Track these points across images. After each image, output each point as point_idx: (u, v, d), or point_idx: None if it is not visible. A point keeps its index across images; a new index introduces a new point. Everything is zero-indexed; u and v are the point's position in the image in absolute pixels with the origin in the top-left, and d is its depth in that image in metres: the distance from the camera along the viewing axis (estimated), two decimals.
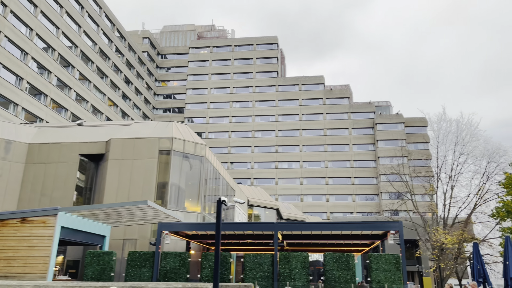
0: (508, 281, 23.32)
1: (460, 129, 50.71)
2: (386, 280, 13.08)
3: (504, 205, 30.68)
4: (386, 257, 13.33)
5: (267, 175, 67.80)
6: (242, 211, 33.25)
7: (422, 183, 49.94)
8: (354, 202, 65.17)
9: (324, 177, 66.83)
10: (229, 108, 72.15)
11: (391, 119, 68.04)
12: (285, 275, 13.66)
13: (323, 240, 19.39)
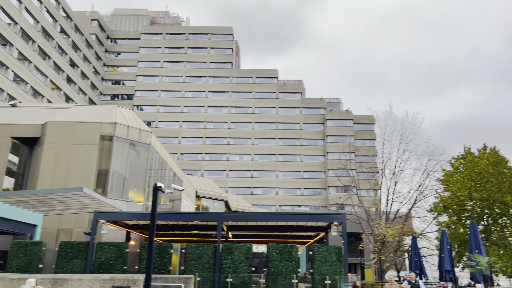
0: (443, 272, 24.48)
1: (404, 127, 52.70)
2: (328, 271, 13.07)
3: (441, 201, 32.26)
4: (328, 249, 13.33)
5: (218, 167, 67.17)
6: (189, 203, 32.51)
7: (368, 179, 51.65)
8: (302, 196, 66.21)
9: (275, 170, 67.29)
10: (180, 98, 70.52)
11: (340, 116, 69.69)
12: (228, 267, 13.28)
13: (269, 232, 19.23)
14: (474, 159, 31.20)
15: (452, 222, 31.44)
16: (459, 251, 30.61)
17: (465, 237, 29.16)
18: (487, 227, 30.57)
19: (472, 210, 30.54)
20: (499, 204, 29.24)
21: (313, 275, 13.19)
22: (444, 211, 32.17)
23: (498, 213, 29.91)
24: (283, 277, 13.09)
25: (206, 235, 20.03)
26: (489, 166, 29.90)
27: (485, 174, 29.81)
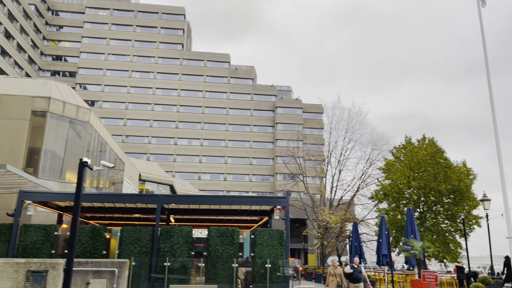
0: (380, 256, 25.43)
1: (351, 117, 54.14)
2: (269, 255, 12.90)
3: (382, 189, 33.44)
4: (270, 233, 13.15)
5: (165, 151, 65.47)
6: (132, 186, 31.27)
7: (314, 166, 52.74)
8: (250, 182, 66.40)
9: (224, 156, 66.79)
10: (127, 78, 67.60)
11: (290, 104, 70.30)
12: (166, 251, 12.72)
13: (212, 216, 18.79)
14: (413, 149, 32.55)
15: (391, 209, 32.72)
16: (396, 237, 31.99)
17: (402, 224, 30.46)
18: (422, 214, 32.14)
19: (410, 197, 31.94)
20: (434, 193, 30.76)
21: (254, 259, 12.97)
22: (384, 199, 33.41)
23: (433, 201, 31.48)
24: (223, 261, 12.75)
25: (147, 218, 19.24)
26: (427, 156, 31.29)
27: (423, 164, 31.18)
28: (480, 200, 18.93)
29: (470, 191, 31.04)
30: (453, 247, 30.70)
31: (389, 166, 33.95)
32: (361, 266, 14.38)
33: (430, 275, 17.18)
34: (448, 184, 30.03)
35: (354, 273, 14.05)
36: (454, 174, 30.60)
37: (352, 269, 14.07)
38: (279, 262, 12.95)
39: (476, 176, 31.33)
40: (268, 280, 12.69)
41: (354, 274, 14.00)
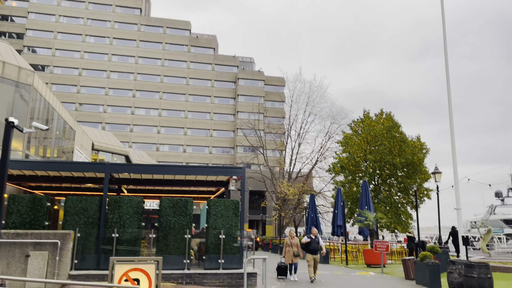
0: (335, 227, 25.95)
1: (312, 90, 54.23)
2: (224, 226, 12.56)
3: (339, 161, 33.96)
4: (225, 203, 12.77)
5: (121, 121, 63.14)
6: (84, 155, 29.83)
7: (274, 139, 52.86)
8: (210, 154, 65.74)
9: (183, 127, 65.42)
10: (81, 42, 63.79)
11: (252, 76, 69.38)
12: (114, 221, 12.06)
13: (167, 187, 18.15)
14: (371, 123, 33.04)
15: (347, 181, 33.37)
16: (351, 208, 32.80)
17: (358, 196, 31.20)
18: (377, 187, 33.02)
19: (366, 170, 32.63)
20: (389, 166, 31.56)
21: (208, 230, 12.59)
22: (341, 171, 33.98)
23: (387, 174, 32.35)
24: (175, 232, 12.28)
25: (98, 189, 18.31)
26: (384, 130, 31.89)
27: (379, 138, 31.77)
28: (431, 173, 19.47)
29: (422, 165, 32.13)
30: (404, 218, 31.94)
31: (347, 139, 34.40)
32: (319, 237, 14.29)
33: (381, 245, 17.59)
34: (402, 157, 30.86)
35: (311, 243, 13.88)
36: (408, 148, 31.45)
37: (309, 239, 14.02)
38: (233, 232, 12.65)
39: (428, 150, 32.39)
40: (221, 251, 12.39)
41: (312, 245, 13.86)
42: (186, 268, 12.15)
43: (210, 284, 12.09)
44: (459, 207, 18.34)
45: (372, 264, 19.87)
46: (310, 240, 13.95)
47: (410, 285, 13.65)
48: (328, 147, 47.82)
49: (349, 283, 13.89)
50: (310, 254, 13.81)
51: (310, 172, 49.30)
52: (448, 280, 11.25)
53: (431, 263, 12.93)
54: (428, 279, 12.91)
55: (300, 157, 50.94)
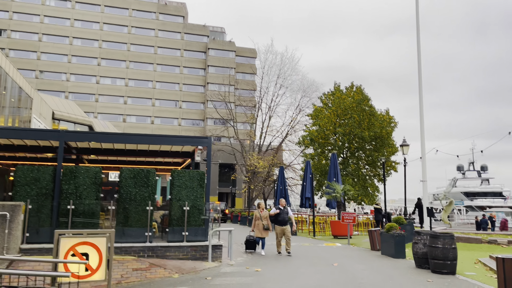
0: (303, 199, 26.01)
1: (283, 62, 53.60)
2: (188, 197, 12.03)
3: (309, 134, 33.85)
4: (190, 174, 12.20)
5: (85, 90, 60.57)
6: (43, 125, 28.29)
7: (245, 112, 52.23)
8: (179, 126, 64.48)
9: (151, 98, 63.56)
10: (40, 5, 59.91)
11: (223, 46, 67.71)
12: (70, 193, 11.29)
13: (131, 157, 17.36)
14: (341, 96, 32.90)
15: (316, 154, 33.40)
16: (320, 181, 32.98)
17: (326, 168, 31.31)
18: (346, 159, 33.25)
19: (335, 143, 32.69)
20: (358, 139, 31.72)
21: (172, 201, 12.04)
22: (311, 144, 33.93)
23: (356, 147, 32.55)
24: (136, 204, 11.67)
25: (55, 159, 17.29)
26: (354, 104, 31.84)
27: (349, 111, 31.74)
28: (399, 146, 19.55)
29: (390, 138, 32.47)
30: (371, 191, 32.45)
31: (317, 112, 34.23)
32: (288, 208, 13.83)
33: (348, 216, 17.62)
34: (371, 131, 31.03)
35: (280, 215, 13.49)
36: (377, 121, 31.62)
37: (278, 210, 13.59)
38: (198, 204, 12.16)
39: (397, 124, 32.71)
40: (185, 223, 11.91)
41: (281, 216, 13.47)
42: (148, 241, 11.63)
43: (173, 257, 11.65)
44: (425, 179, 18.55)
45: (339, 236, 20.03)
46: (279, 211, 13.53)
47: (375, 255, 13.72)
48: (299, 121, 47.82)
49: (316, 254, 13.81)
50: (278, 225, 13.39)
51: (280, 145, 49.27)
52: (413, 251, 11.27)
53: (397, 234, 12.97)
54: (393, 250, 12.97)
55: (270, 130, 50.73)
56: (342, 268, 11.06)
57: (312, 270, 10.71)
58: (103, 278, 6.22)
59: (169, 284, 9.43)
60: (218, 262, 11.87)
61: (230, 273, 10.38)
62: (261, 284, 9.01)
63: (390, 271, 10.66)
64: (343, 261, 12.33)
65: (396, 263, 11.88)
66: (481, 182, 71.49)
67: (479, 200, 65.88)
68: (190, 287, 9.00)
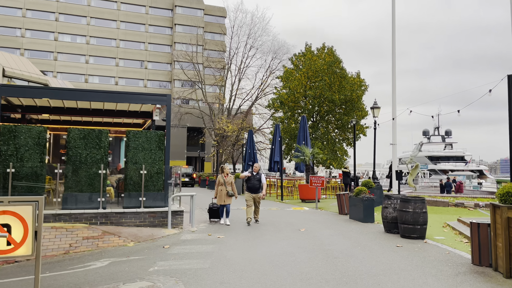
0: (272, 163, 25.46)
1: (254, 22, 51.68)
2: (145, 160, 11.05)
3: (279, 97, 32.98)
4: (147, 135, 11.15)
5: (43, 47, 56.70)
6: None
7: (214, 74, 50.53)
8: (145, 88, 62.02)
9: (115, 57, 60.39)
10: None
11: (191, 4, 64.50)
12: (9, 154, 10.07)
13: (87, 117, 16.02)
14: (312, 57, 31.94)
15: (286, 117, 32.73)
16: (289, 144, 32.51)
17: (296, 132, 30.76)
18: (315, 123, 32.78)
19: (305, 107, 32.04)
20: (328, 102, 31.16)
21: (127, 164, 11.04)
22: (280, 107, 33.15)
23: (326, 110, 32.05)
24: (87, 167, 10.59)
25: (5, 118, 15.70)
26: (325, 66, 31.01)
27: (320, 73, 30.94)
28: (371, 108, 19.04)
29: (360, 102, 32.09)
30: (340, 155, 32.32)
31: (287, 74, 33.25)
32: (261, 174, 12.21)
33: (317, 180, 17.16)
34: (342, 94, 30.49)
35: (251, 180, 12.04)
36: (348, 84, 31.05)
37: (249, 174, 12.14)
38: (157, 167, 11.22)
39: (367, 87, 32.28)
40: (143, 187, 10.98)
41: (251, 182, 12.03)
42: (101, 207, 10.67)
43: (130, 224, 10.79)
44: (395, 142, 18.25)
45: (307, 199, 19.69)
46: (249, 176, 12.16)
47: (343, 220, 13.35)
48: (269, 84, 46.70)
49: (283, 219, 13.30)
50: (248, 192, 12.10)
51: (249, 109, 48.24)
52: (382, 215, 10.87)
53: (366, 198, 12.56)
54: (362, 214, 12.60)
55: (240, 93, 49.48)
56: (309, 233, 10.55)
57: (278, 236, 10.14)
58: (30, 253, 5.25)
59: (122, 254, 8.61)
60: (178, 229, 11.12)
61: (191, 241, 9.65)
62: (223, 252, 8.33)
63: (359, 236, 10.24)
64: (310, 226, 11.85)
65: (364, 228, 11.50)
66: (444, 147, 73.68)
67: (442, 164, 68.08)
68: (145, 256, 8.21)
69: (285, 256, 7.93)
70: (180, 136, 54.33)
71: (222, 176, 12.30)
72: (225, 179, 12.27)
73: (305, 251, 8.39)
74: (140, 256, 8.25)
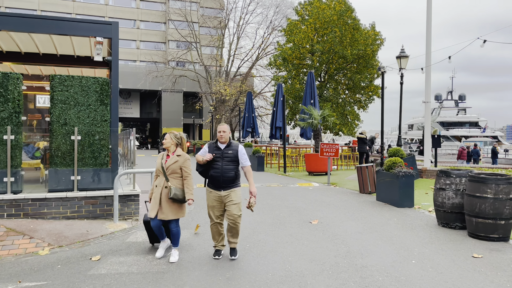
0: (273, 129, 21.73)
1: None
2: (80, 120, 7.37)
3: (282, 53, 28.77)
4: (82, 82, 7.42)
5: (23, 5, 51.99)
6: None
7: (211, 34, 46.05)
8: (138, 50, 57.55)
9: (104, 16, 55.58)
10: None
11: None
12: None
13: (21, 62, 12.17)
14: (321, 6, 27.48)
15: (290, 76, 28.69)
16: (293, 108, 28.67)
17: (301, 93, 26.89)
18: (323, 83, 28.78)
19: (312, 64, 27.90)
20: (338, 58, 27.03)
21: (52, 126, 7.34)
22: (283, 65, 29.01)
23: (336, 68, 27.97)
24: None
25: None
26: (335, 16, 26.64)
27: (329, 24, 26.63)
28: (396, 57, 15.04)
29: (374, 59, 27.96)
30: (351, 119, 28.53)
31: (291, 27, 28.88)
32: (238, 146, 5.39)
33: (329, 149, 13.44)
34: (354, 48, 26.29)
35: (217, 162, 5.25)
36: (361, 37, 26.78)
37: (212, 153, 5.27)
38: (99, 131, 7.53)
39: (383, 41, 28.03)
40: (75, 161, 7.34)
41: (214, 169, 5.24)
42: (10, 191, 7.06)
43: (56, 216, 7.21)
44: (428, 99, 14.41)
45: (315, 172, 16.07)
46: (214, 156, 5.27)
47: (369, 202, 9.75)
48: (271, 42, 42.21)
49: (286, 202, 9.71)
50: (211, 188, 5.39)
51: (249, 70, 44.04)
52: (435, 200, 7.22)
53: (403, 172, 8.88)
54: (396, 195, 8.98)
55: (239, 54, 45.13)
56: (325, 229, 6.94)
57: (277, 235, 6.53)
58: None
59: (14, 274, 5.01)
60: (131, 221, 7.54)
61: (141, 244, 6.08)
62: (182, 275, 4.75)
63: (403, 234, 6.62)
64: (325, 214, 8.25)
65: (405, 218, 7.88)
66: (457, 112, 69.39)
67: (455, 130, 64.04)
68: (48, 282, 4.65)
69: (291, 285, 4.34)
70: (176, 102, 50.55)
71: (162, 156, 5.47)
72: (167, 161, 5.40)
73: (324, 273, 4.79)
74: (39, 282, 4.68)
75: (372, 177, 10.94)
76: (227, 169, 5.20)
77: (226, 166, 5.20)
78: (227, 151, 5.25)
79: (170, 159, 5.31)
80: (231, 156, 5.24)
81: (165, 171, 5.26)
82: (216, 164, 5.21)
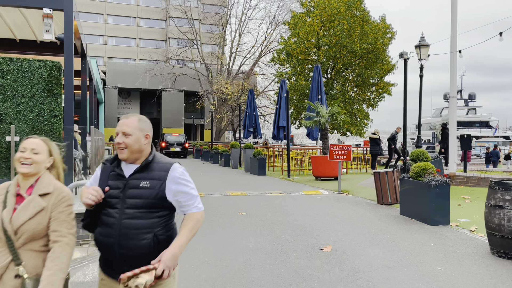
0: (276, 129, 19.99)
1: None
2: (21, 116, 5.65)
3: (285, 47, 26.96)
4: (23, 66, 5.71)
5: None
6: None
7: (212, 31, 44.43)
8: (138, 48, 56.03)
9: (103, 13, 54.12)
10: None
11: None
12: None
13: None
14: None
15: (294, 72, 26.88)
16: (298, 106, 26.87)
17: (306, 91, 25.11)
18: (330, 80, 26.97)
19: (318, 59, 26.09)
20: (346, 53, 25.19)
21: None
22: (287, 60, 27.22)
23: (344, 63, 26.15)
24: None
25: None
26: (342, 7, 24.81)
27: (337, 16, 24.81)
28: (415, 46, 13.19)
29: (385, 53, 26.10)
30: (360, 118, 26.70)
31: (296, 19, 27.06)
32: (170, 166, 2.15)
33: (340, 151, 11.61)
34: (364, 42, 24.43)
35: (108, 209, 2.06)
36: (371, 30, 24.92)
37: (107, 184, 2.11)
38: (46, 130, 5.79)
39: (394, 34, 26.17)
40: (13, 168, 5.61)
41: (106, 224, 2.05)
42: None
43: None
44: (454, 94, 12.58)
45: (322, 177, 14.27)
46: (106, 192, 2.08)
47: (391, 217, 7.93)
48: (275, 38, 40.45)
49: (290, 216, 7.93)
50: (103, 272, 2.16)
51: (252, 68, 42.32)
52: (490, 222, 5.40)
53: (436, 181, 7.06)
54: (427, 209, 7.16)
55: (241, 51, 43.45)
56: (342, 262, 5.12)
57: (277, 271, 4.72)
58: None
59: None
60: (87, 248, 5.77)
61: None
62: None
63: (454, 271, 4.80)
64: (340, 235, 6.44)
65: (444, 242, 6.05)
66: (467, 112, 67.23)
67: (465, 130, 61.91)
68: None
69: None
70: (177, 101, 48.89)
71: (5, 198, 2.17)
72: (18, 210, 2.12)
73: None
74: None
75: (393, 185, 9.13)
76: (134, 226, 2.04)
77: (131, 217, 2.05)
78: (139, 181, 2.11)
79: (23, 206, 2.11)
80: (147, 194, 2.08)
81: (11, 237, 2.06)
82: (109, 211, 2.08)
